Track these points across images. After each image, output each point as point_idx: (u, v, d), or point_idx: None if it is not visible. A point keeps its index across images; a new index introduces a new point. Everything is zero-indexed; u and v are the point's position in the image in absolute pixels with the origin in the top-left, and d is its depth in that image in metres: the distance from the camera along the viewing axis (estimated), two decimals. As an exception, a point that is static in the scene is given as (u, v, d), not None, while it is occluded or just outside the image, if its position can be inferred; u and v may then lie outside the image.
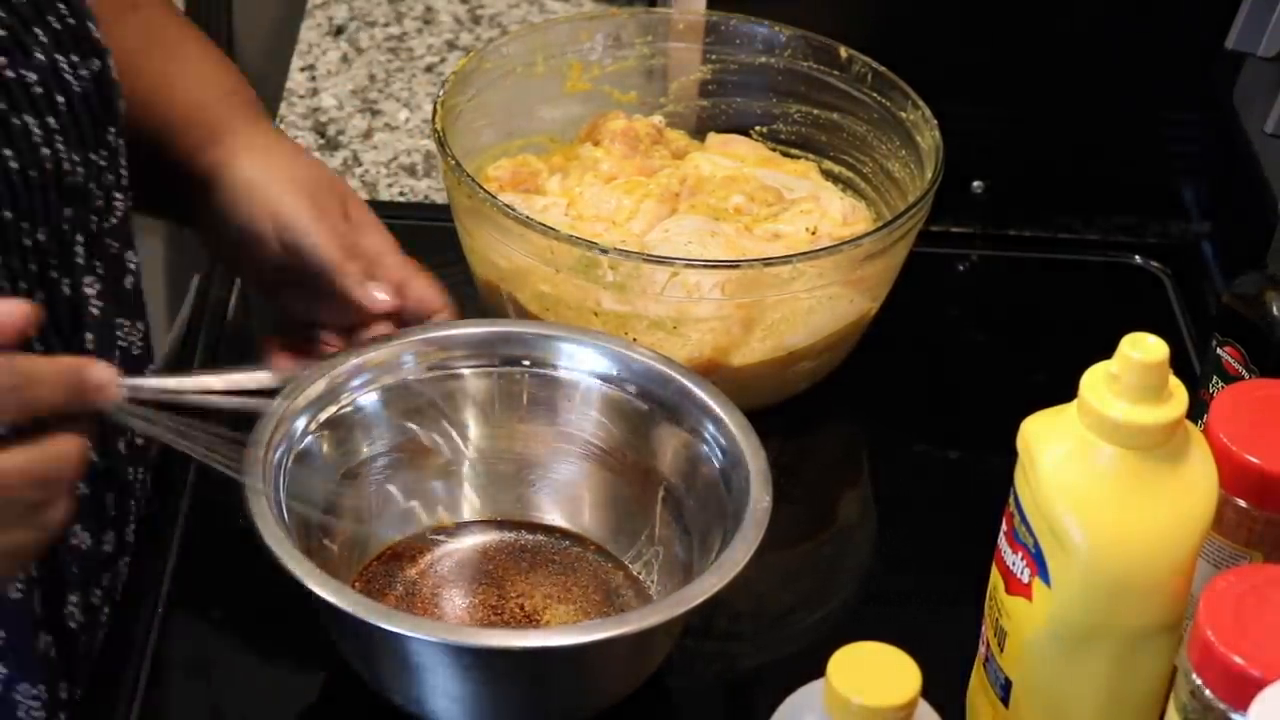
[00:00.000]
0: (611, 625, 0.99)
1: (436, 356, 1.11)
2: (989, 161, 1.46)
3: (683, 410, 1.09)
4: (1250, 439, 0.97)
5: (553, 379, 1.12)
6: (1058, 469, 0.92)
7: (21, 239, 0.96)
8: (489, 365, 1.12)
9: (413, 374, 1.10)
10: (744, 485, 1.04)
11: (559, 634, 1.01)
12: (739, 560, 0.99)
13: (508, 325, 1.14)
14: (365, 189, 1.47)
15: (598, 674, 1.02)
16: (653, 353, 1.12)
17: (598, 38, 1.38)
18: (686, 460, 1.09)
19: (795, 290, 1.19)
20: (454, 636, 0.98)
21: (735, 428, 1.07)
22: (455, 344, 1.12)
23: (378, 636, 0.96)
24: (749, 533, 1.01)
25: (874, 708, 0.84)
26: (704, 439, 1.08)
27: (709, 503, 1.07)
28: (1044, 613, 0.94)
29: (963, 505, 1.19)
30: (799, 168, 1.37)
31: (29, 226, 0.97)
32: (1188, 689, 0.86)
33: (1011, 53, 1.44)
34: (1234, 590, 0.86)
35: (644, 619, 0.98)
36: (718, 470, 1.07)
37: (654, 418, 1.10)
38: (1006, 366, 1.35)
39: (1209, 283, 1.43)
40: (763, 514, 1.02)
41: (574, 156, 1.35)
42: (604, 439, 1.12)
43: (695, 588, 0.98)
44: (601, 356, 1.12)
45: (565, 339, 1.13)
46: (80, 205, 1.01)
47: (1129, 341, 0.90)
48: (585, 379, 1.12)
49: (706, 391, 1.09)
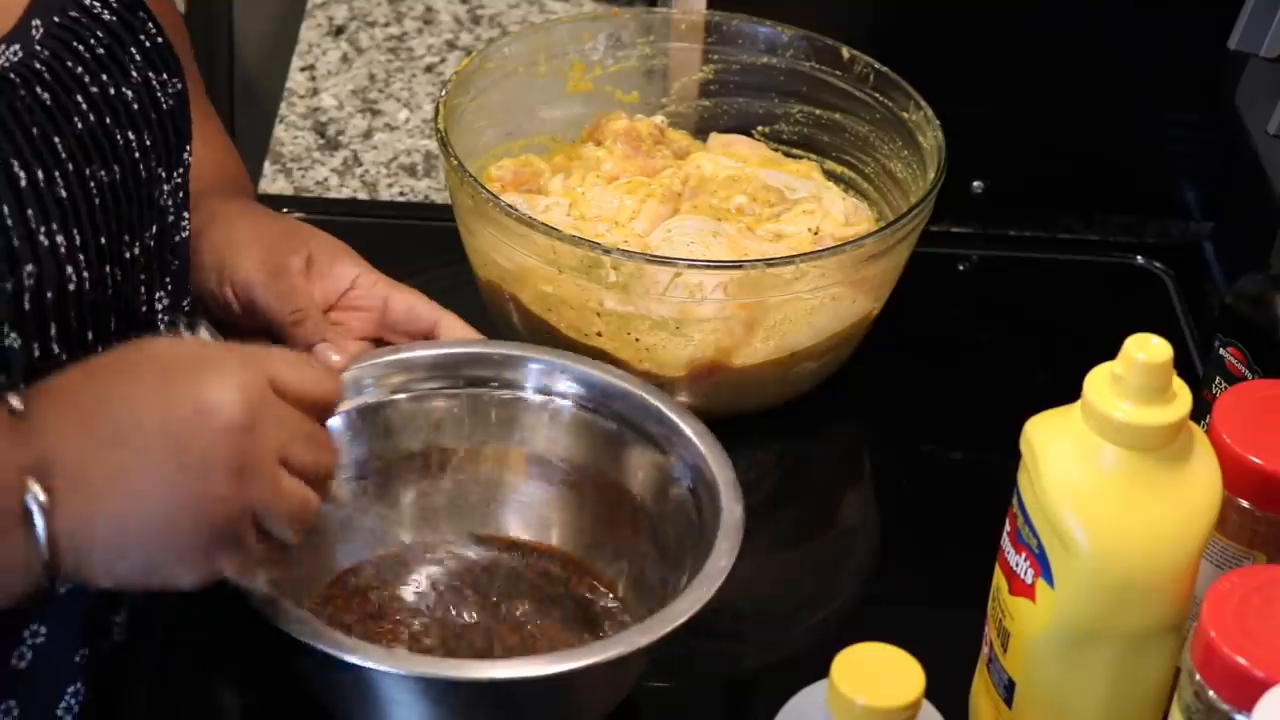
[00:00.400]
0: (595, 651, 0.96)
1: (402, 378, 1.10)
2: (989, 161, 1.46)
3: (649, 428, 1.09)
4: (1254, 440, 0.97)
5: (520, 400, 1.12)
6: (1061, 470, 0.92)
7: (123, 252, 0.98)
8: (455, 387, 1.11)
9: (378, 396, 1.10)
10: (714, 498, 1.03)
11: (534, 664, 0.97)
12: (721, 571, 0.99)
13: (474, 346, 1.13)
14: (365, 189, 1.47)
15: (576, 699, 1.00)
16: (618, 371, 1.11)
17: (599, 38, 1.38)
18: (656, 477, 1.08)
19: (798, 291, 1.19)
20: (422, 668, 0.96)
21: (701, 443, 1.06)
22: (419, 365, 1.11)
23: (342, 669, 0.94)
24: (725, 544, 1.00)
25: (878, 708, 0.84)
26: (672, 455, 1.08)
27: (680, 519, 1.06)
28: (1047, 613, 0.94)
29: (965, 506, 1.19)
30: (801, 168, 1.37)
31: (129, 240, 0.99)
32: (1191, 690, 0.86)
33: (1012, 53, 1.44)
34: (1237, 591, 0.86)
35: (627, 642, 0.96)
36: (687, 486, 1.06)
37: (622, 436, 1.10)
38: (1008, 367, 1.35)
39: (1210, 283, 1.43)
40: (736, 524, 1.01)
41: (576, 156, 1.35)
42: (572, 459, 1.11)
43: (679, 604, 0.97)
44: (567, 377, 1.11)
45: (532, 360, 1.12)
46: (162, 221, 1.03)
47: (1133, 342, 0.90)
48: (552, 399, 1.11)
49: (671, 408, 1.08)
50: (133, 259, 1.00)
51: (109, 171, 0.97)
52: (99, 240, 0.96)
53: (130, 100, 0.99)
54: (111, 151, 0.97)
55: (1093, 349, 0.95)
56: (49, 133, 0.94)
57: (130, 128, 0.99)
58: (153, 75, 1.01)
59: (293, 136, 1.52)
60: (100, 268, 0.96)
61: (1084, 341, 1.01)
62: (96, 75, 0.98)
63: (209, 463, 0.85)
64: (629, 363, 1.21)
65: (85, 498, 0.84)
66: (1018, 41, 1.43)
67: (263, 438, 0.87)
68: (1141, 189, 1.49)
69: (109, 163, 0.97)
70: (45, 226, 0.92)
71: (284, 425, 0.88)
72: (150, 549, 0.86)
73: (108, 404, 0.86)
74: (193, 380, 0.87)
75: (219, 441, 0.85)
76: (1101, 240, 1.48)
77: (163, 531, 0.86)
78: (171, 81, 1.02)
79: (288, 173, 1.48)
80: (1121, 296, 1.44)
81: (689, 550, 1.04)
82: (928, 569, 1.19)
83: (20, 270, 0.91)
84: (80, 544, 0.85)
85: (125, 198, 0.98)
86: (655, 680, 1.08)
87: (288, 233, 1.16)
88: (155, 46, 1.02)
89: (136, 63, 1.00)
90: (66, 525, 0.84)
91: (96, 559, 0.86)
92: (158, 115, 1.01)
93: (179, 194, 1.04)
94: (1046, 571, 0.93)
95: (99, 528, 0.85)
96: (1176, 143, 1.48)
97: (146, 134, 1.00)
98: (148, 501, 0.85)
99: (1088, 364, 0.92)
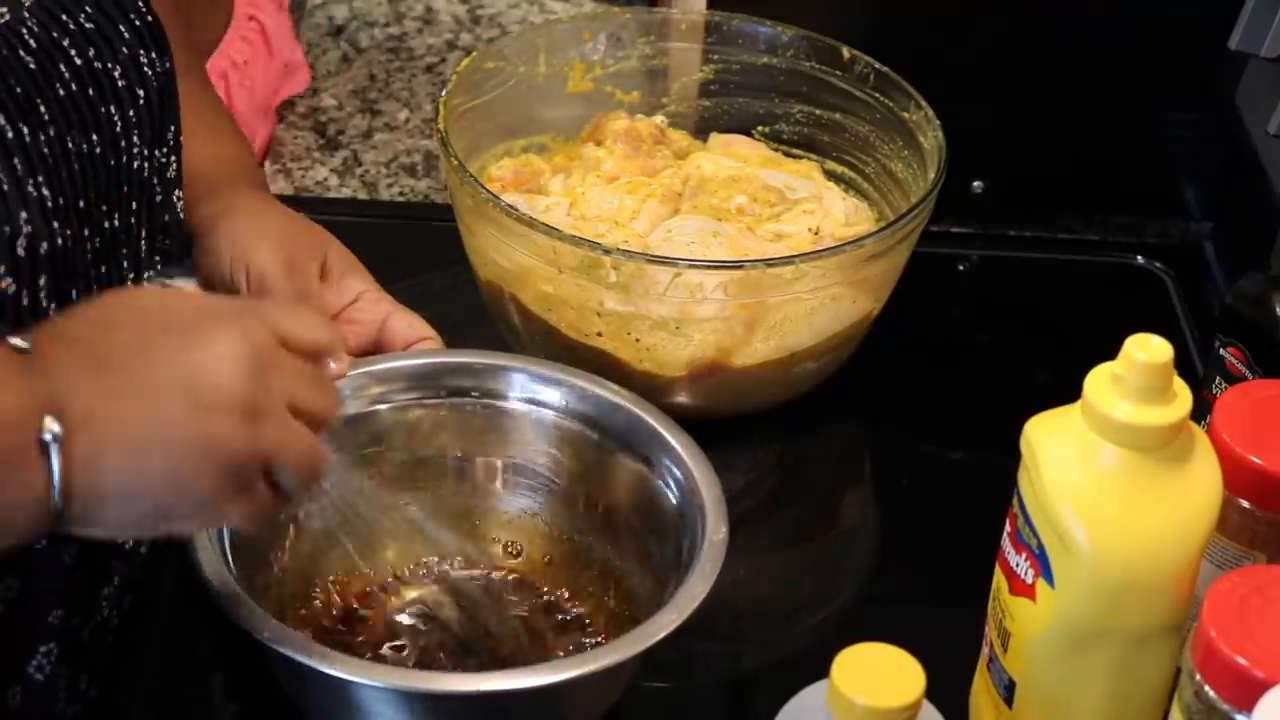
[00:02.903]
0: (569, 666, 0.96)
1: (381, 389, 1.10)
2: (989, 161, 1.46)
3: (637, 441, 1.08)
4: (1254, 440, 0.97)
5: (503, 410, 1.11)
6: (1061, 470, 0.92)
7: (103, 222, 1.00)
8: (436, 397, 1.11)
9: (359, 407, 1.09)
10: (699, 516, 1.03)
11: (513, 677, 0.96)
12: (698, 594, 0.98)
13: (456, 356, 1.12)
14: (365, 189, 1.47)
15: (556, 713, 1.00)
16: (605, 382, 1.10)
17: (600, 38, 1.38)
18: (641, 491, 1.07)
19: (798, 291, 1.19)
20: (404, 681, 0.95)
21: (690, 459, 1.06)
22: (397, 376, 1.10)
23: (324, 681, 0.93)
24: (706, 566, 0.99)
25: (878, 709, 0.84)
26: (658, 470, 1.07)
27: (665, 534, 1.05)
28: (1048, 613, 0.94)
29: (965, 506, 1.19)
30: (801, 168, 1.37)
31: (106, 210, 1.00)
32: (1191, 690, 0.86)
33: (1012, 53, 1.44)
34: (1238, 591, 0.86)
35: (600, 659, 0.96)
36: (673, 502, 1.06)
37: (608, 449, 1.09)
38: (1008, 367, 1.35)
39: (1210, 283, 1.43)
40: (719, 546, 1.00)
41: (576, 156, 1.35)
42: (556, 470, 1.11)
43: (653, 624, 0.96)
44: (551, 387, 1.10)
45: (515, 369, 1.11)
46: (142, 198, 1.04)
47: (1133, 343, 0.90)
48: (536, 409, 1.11)
49: (660, 422, 1.08)
50: (113, 230, 1.01)
51: (88, 142, 0.99)
52: (78, 203, 0.97)
53: (116, 76, 1.01)
54: (93, 123, 0.99)
55: (1093, 349, 0.95)
56: (31, 94, 0.95)
57: (114, 102, 1.00)
58: (142, 53, 1.03)
59: (293, 136, 1.52)
60: (80, 231, 0.97)
61: (1084, 341, 1.01)
62: (83, 48, 0.99)
63: (223, 405, 0.85)
64: (629, 363, 1.21)
65: (98, 438, 0.84)
66: (1018, 41, 1.43)
67: (272, 383, 0.87)
68: (1141, 189, 1.49)
69: (88, 132, 0.99)
70: (33, 179, 0.94)
71: (289, 371, 0.89)
72: (162, 492, 0.86)
73: (116, 350, 0.86)
74: (201, 328, 0.87)
75: (232, 386, 0.85)
76: (1101, 240, 1.48)
77: (176, 474, 0.85)
78: (160, 60, 1.04)
79: (288, 173, 1.48)
80: (1121, 296, 1.44)
81: (671, 567, 1.03)
82: (928, 569, 1.19)
83: (16, 217, 0.92)
84: (93, 483, 0.84)
85: (104, 168, 1.00)
86: (655, 680, 1.08)
87: (307, 232, 1.17)
88: (145, 25, 1.03)
89: (125, 39, 1.02)
90: (80, 464, 0.83)
91: (108, 500, 0.85)
92: (145, 92, 1.02)
93: (167, 173, 1.05)
94: (1046, 571, 0.93)
95: (112, 469, 0.84)
96: (1176, 143, 1.48)
97: (131, 110, 1.01)
98: (162, 443, 0.85)
99: (1088, 364, 0.92)
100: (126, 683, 1.07)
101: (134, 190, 1.03)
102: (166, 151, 1.05)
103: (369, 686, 0.93)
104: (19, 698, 1.00)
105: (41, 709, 1.01)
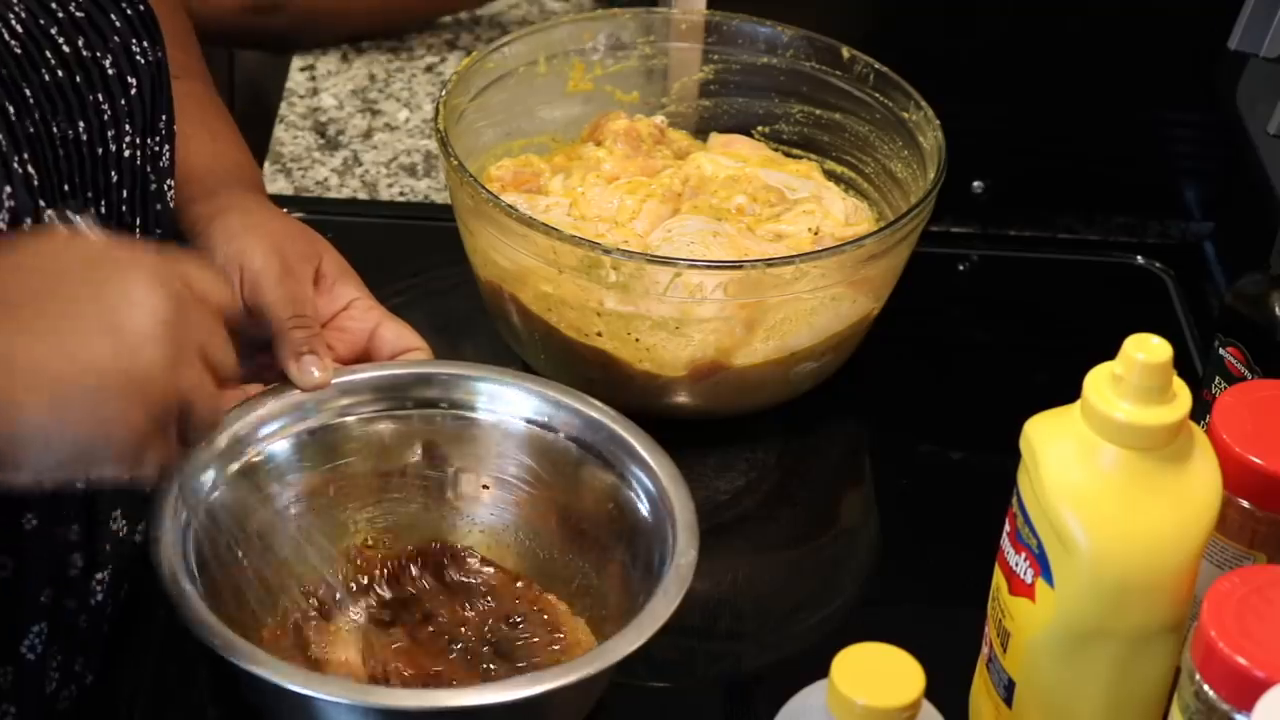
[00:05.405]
0: (521, 684, 0.94)
1: (348, 401, 1.09)
2: (989, 161, 1.46)
3: (611, 455, 1.07)
4: (1254, 440, 0.97)
5: (472, 420, 1.10)
6: (1061, 469, 0.92)
7: (87, 206, 1.00)
8: (404, 408, 1.10)
9: (326, 419, 1.08)
10: (670, 536, 1.02)
11: (469, 693, 0.96)
12: (659, 617, 0.97)
13: (424, 366, 1.11)
14: (365, 189, 1.47)
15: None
16: (579, 394, 1.09)
17: (599, 38, 1.38)
18: (614, 506, 1.07)
19: (798, 291, 1.19)
20: (374, 699, 0.95)
21: (665, 476, 1.05)
22: (365, 388, 1.10)
23: (296, 701, 0.93)
24: (671, 588, 0.98)
25: (878, 708, 0.84)
26: (633, 485, 1.06)
27: (637, 550, 1.05)
28: (1047, 613, 0.94)
29: (965, 506, 1.19)
30: (801, 168, 1.37)
31: (92, 197, 1.01)
32: (1191, 690, 0.86)
33: (1012, 53, 1.44)
34: (1237, 591, 0.86)
35: (555, 678, 0.94)
36: (646, 518, 1.05)
37: (581, 461, 1.08)
38: (1008, 367, 1.35)
39: (1210, 283, 1.43)
40: (686, 568, 0.99)
41: (576, 156, 1.35)
42: (528, 482, 1.10)
43: (614, 645, 0.96)
44: (520, 397, 1.10)
45: (482, 380, 1.10)
46: (134, 186, 1.04)
47: (1133, 342, 0.90)
48: (505, 420, 1.10)
49: (633, 434, 1.07)
50: (102, 217, 1.01)
51: (74, 129, 0.99)
52: (63, 186, 0.98)
53: (106, 65, 1.01)
54: (80, 110, 0.99)
55: (1093, 349, 0.95)
56: (16, 77, 0.96)
57: (102, 90, 1.01)
58: (134, 42, 1.03)
59: (293, 136, 1.52)
60: (64, 212, 0.97)
61: (1084, 341, 1.01)
62: (71, 36, 1.00)
63: (144, 346, 0.86)
64: (629, 363, 1.21)
65: (15, 379, 0.84)
66: (1018, 41, 1.43)
67: (188, 330, 0.88)
68: (1141, 189, 1.49)
69: (74, 119, 0.99)
70: (18, 156, 0.94)
71: (202, 323, 0.90)
72: (83, 433, 0.86)
73: (29, 293, 0.86)
74: (117, 271, 0.88)
75: (155, 327, 0.86)
76: (1101, 240, 1.48)
77: (99, 414, 0.86)
78: (152, 49, 1.04)
79: (288, 173, 1.48)
80: (1122, 296, 1.44)
81: (642, 581, 1.02)
82: (928, 569, 1.19)
83: (1, 192, 0.93)
84: (11, 424, 0.84)
85: (90, 155, 1.00)
86: (655, 680, 1.08)
87: (302, 236, 1.17)
88: (137, 13, 1.04)
89: (117, 28, 1.02)
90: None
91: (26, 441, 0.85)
92: (136, 80, 1.03)
93: (160, 162, 1.06)
94: (1046, 571, 0.93)
95: (32, 409, 0.84)
96: (1176, 143, 1.48)
97: (122, 99, 1.02)
98: (82, 383, 0.85)
99: (1088, 364, 0.92)
100: (127, 669, 1.07)
101: (125, 178, 1.03)
102: (159, 140, 1.05)
103: (341, 705, 0.93)
104: (10, 676, 1.00)
105: (33, 688, 1.01)
